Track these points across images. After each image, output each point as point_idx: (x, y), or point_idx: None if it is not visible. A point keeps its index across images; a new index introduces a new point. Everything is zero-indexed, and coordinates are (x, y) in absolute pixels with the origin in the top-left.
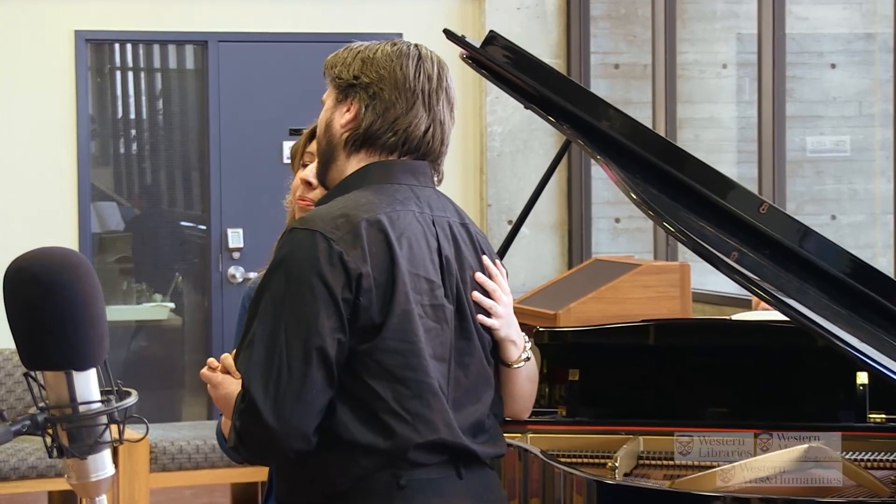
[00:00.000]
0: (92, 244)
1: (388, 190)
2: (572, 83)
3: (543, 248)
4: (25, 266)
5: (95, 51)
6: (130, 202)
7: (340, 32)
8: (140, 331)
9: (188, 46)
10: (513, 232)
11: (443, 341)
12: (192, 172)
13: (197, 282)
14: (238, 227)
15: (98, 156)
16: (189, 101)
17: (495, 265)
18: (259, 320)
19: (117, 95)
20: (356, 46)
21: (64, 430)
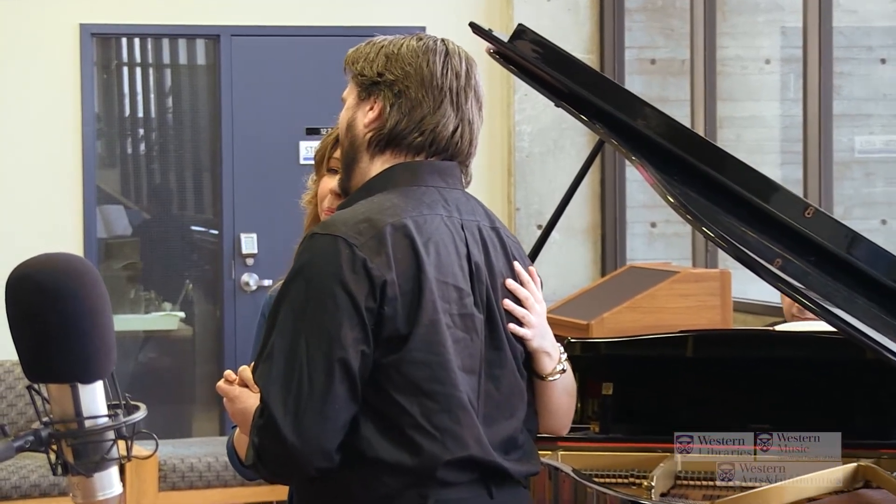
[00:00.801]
0: (98, 250)
1: (415, 193)
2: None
3: (575, 255)
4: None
5: (102, 45)
6: (138, 205)
7: (360, 26)
8: (149, 341)
9: (199, 41)
10: (542, 237)
11: (472, 352)
12: (204, 174)
13: (208, 290)
14: (252, 231)
15: (104, 156)
16: (200, 98)
17: (528, 272)
18: (278, 331)
19: (124, 92)
20: (379, 41)
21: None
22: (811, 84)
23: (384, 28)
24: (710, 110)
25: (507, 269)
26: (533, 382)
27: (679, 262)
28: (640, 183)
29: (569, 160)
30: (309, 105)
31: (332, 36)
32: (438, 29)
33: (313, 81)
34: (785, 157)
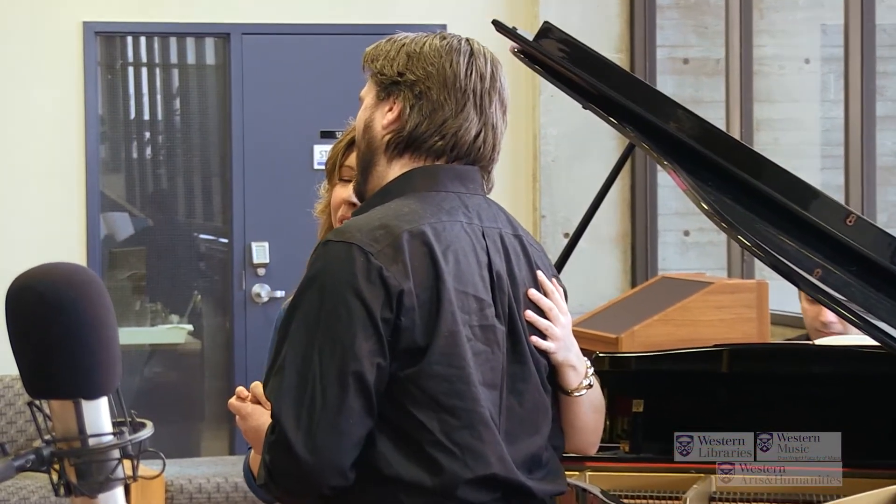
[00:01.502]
0: (101, 259)
1: (434, 198)
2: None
3: (603, 265)
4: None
5: (106, 44)
6: (144, 212)
7: (377, 24)
8: (155, 356)
9: (208, 39)
10: (569, 246)
11: (494, 366)
12: (213, 179)
13: (218, 301)
14: (263, 240)
15: (108, 161)
16: (209, 100)
17: (552, 282)
18: (290, 343)
19: (130, 94)
20: (400, 38)
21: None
22: (853, 84)
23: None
24: (746, 112)
25: (531, 278)
26: (558, 398)
27: (713, 272)
28: (673, 189)
29: (597, 165)
30: (324, 107)
31: (349, 34)
32: (460, 27)
33: (328, 82)
34: (825, 162)
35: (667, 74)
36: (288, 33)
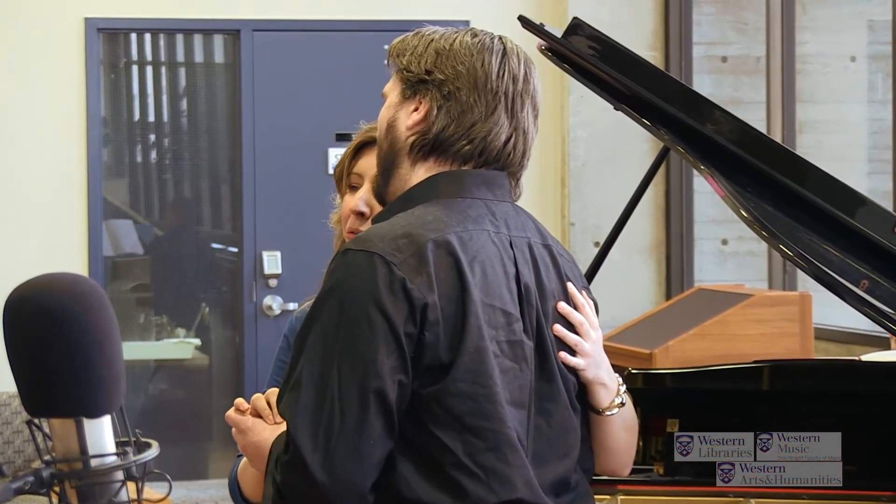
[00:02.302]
0: (104, 269)
1: (460, 205)
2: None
3: (637, 276)
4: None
5: (109, 42)
6: (149, 220)
7: (396, 20)
8: (160, 372)
9: (217, 36)
10: (600, 256)
11: (521, 384)
12: (222, 185)
13: (227, 314)
14: (275, 249)
15: (111, 165)
16: (218, 100)
17: (582, 294)
18: (307, 357)
19: (134, 94)
20: (429, 33)
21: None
22: None
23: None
24: (788, 113)
25: (560, 291)
26: (588, 417)
27: (753, 283)
28: (710, 195)
29: (629, 169)
30: (339, 108)
31: (366, 31)
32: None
33: (344, 82)
34: (872, 166)
35: (704, 73)
36: (301, 30)
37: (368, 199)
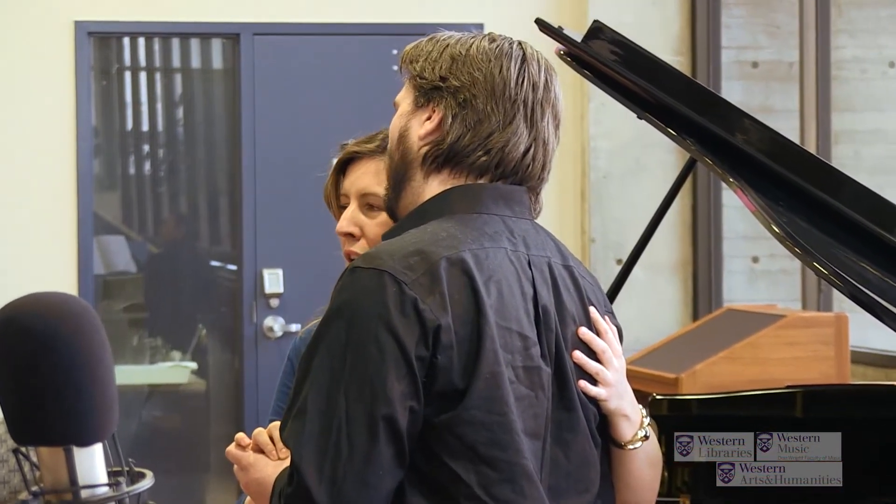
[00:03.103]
0: (95, 289)
1: (475, 221)
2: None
3: (662, 295)
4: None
5: (100, 46)
6: (143, 236)
7: (406, 23)
8: (155, 397)
9: (216, 40)
10: (622, 275)
11: (537, 413)
12: (221, 199)
13: (226, 336)
14: (277, 267)
15: (103, 178)
16: (217, 109)
17: (605, 320)
18: (312, 382)
19: (127, 102)
20: (444, 38)
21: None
22: None
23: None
24: (822, 123)
25: (582, 315)
26: (609, 451)
27: (786, 303)
28: (740, 210)
29: (654, 182)
30: (347, 117)
31: (375, 35)
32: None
33: (352, 89)
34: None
35: (733, 80)
36: (305, 33)
37: (355, 217)
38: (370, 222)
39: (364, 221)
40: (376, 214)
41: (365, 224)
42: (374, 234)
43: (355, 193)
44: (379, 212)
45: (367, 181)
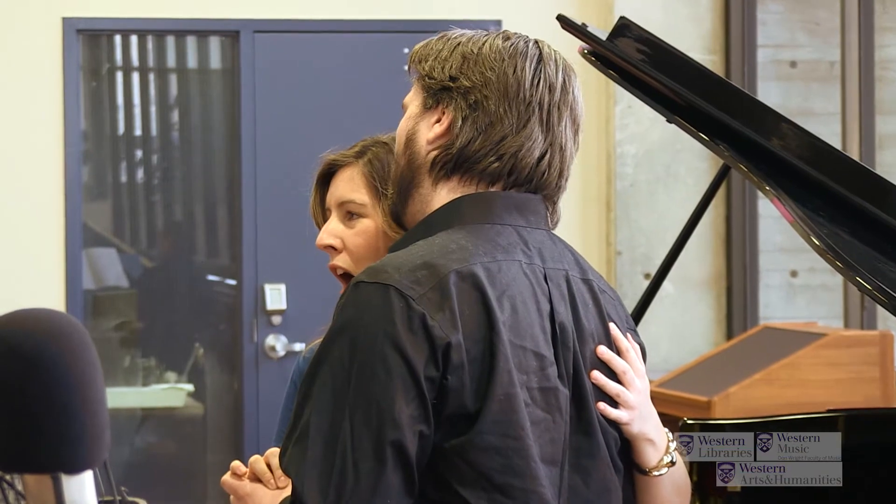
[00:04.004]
0: (84, 305)
1: (487, 232)
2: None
3: (693, 312)
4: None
5: (90, 45)
6: (135, 249)
7: (417, 19)
8: (148, 421)
9: (213, 38)
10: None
11: (554, 437)
12: (219, 208)
13: (224, 356)
14: (279, 282)
15: (93, 186)
16: (215, 111)
17: (627, 338)
18: (314, 405)
19: (118, 105)
20: (455, 36)
21: None
22: None
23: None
24: (866, 126)
25: (601, 332)
26: (633, 477)
27: (827, 321)
28: (777, 220)
29: (685, 191)
30: (354, 121)
31: (384, 32)
32: (518, 23)
33: (359, 90)
34: None
35: (770, 80)
36: (310, 31)
37: (334, 229)
38: (349, 232)
39: (343, 232)
40: (355, 223)
41: (344, 235)
42: (355, 244)
43: (334, 204)
44: (358, 219)
45: (343, 189)
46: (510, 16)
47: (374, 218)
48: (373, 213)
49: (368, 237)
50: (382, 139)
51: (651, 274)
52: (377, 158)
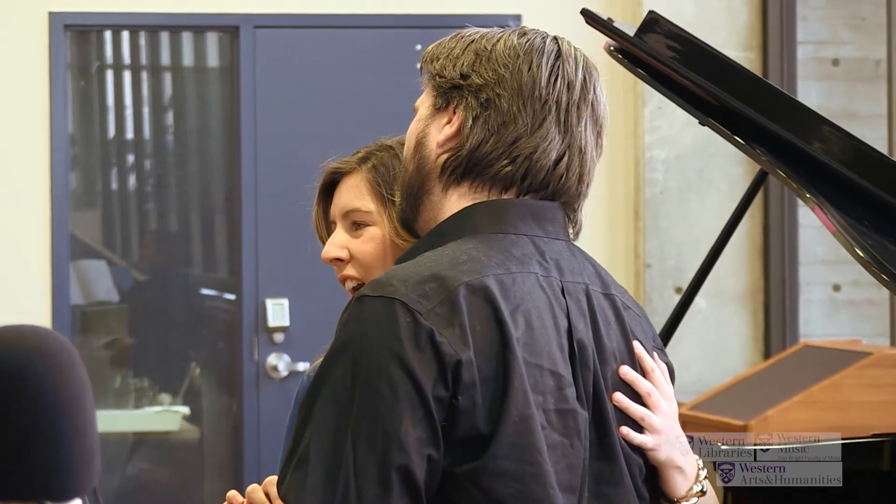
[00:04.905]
0: (72, 321)
1: (501, 242)
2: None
3: (728, 329)
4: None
5: (78, 41)
6: (127, 261)
7: (431, 14)
8: (141, 447)
9: (211, 34)
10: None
11: (572, 463)
12: (216, 217)
13: (222, 377)
14: (282, 296)
15: (81, 193)
16: (212, 112)
17: (652, 357)
18: (315, 428)
19: (109, 106)
20: (469, 34)
21: None
22: None
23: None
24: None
25: (625, 351)
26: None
27: (872, 339)
28: (819, 230)
29: (719, 198)
30: (361, 123)
31: (395, 28)
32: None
33: (368, 91)
34: None
35: (811, 80)
36: (315, 26)
37: (341, 241)
38: (356, 241)
39: (349, 242)
40: (362, 232)
41: (350, 244)
42: (362, 251)
43: (339, 214)
44: (364, 228)
45: (347, 198)
46: (531, 10)
47: (381, 226)
48: (379, 220)
49: (377, 244)
50: (387, 143)
51: (682, 288)
52: (382, 164)
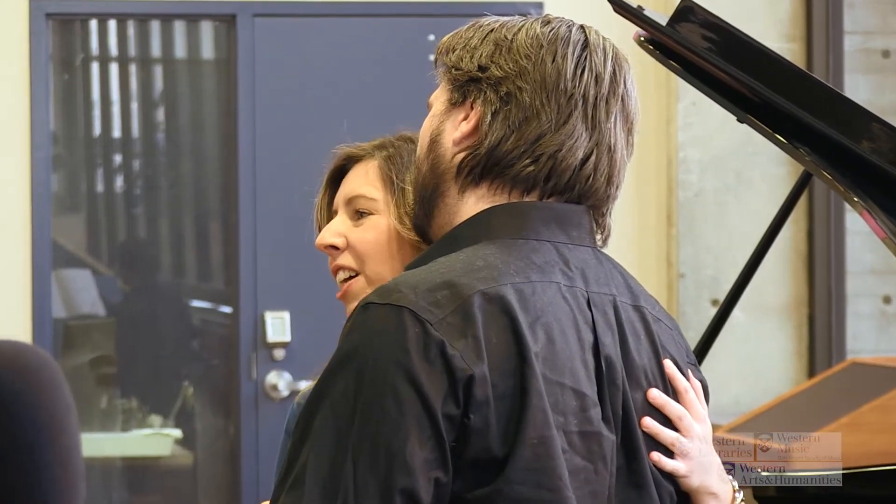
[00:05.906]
0: (54, 336)
1: (521, 248)
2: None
3: (769, 345)
4: None
5: (62, 31)
6: (113, 270)
7: (444, 1)
8: (129, 472)
9: (205, 23)
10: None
11: (596, 490)
12: (211, 223)
13: (218, 396)
14: (282, 309)
15: (63, 196)
16: (207, 107)
17: (686, 375)
18: (312, 447)
19: (94, 100)
20: (488, 22)
21: None
22: None
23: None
24: None
25: (655, 368)
26: None
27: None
28: (868, 236)
29: (758, 202)
30: (368, 119)
31: (406, 16)
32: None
33: (375, 85)
34: None
35: (858, 73)
36: (317, 14)
37: (338, 227)
38: (356, 229)
39: (348, 230)
40: (363, 221)
41: (349, 232)
42: (360, 239)
43: (342, 201)
44: (366, 217)
45: (354, 183)
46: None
47: (386, 215)
48: (384, 209)
49: (378, 234)
50: (408, 135)
51: (719, 300)
52: (399, 154)
